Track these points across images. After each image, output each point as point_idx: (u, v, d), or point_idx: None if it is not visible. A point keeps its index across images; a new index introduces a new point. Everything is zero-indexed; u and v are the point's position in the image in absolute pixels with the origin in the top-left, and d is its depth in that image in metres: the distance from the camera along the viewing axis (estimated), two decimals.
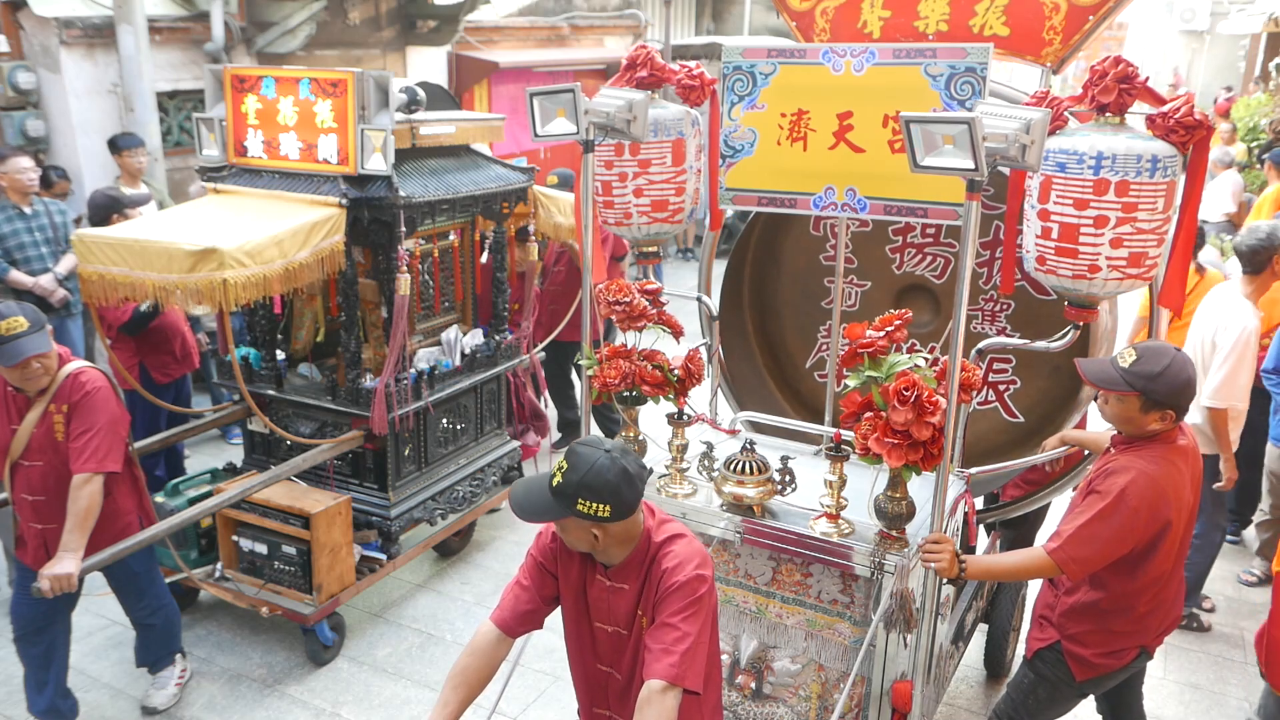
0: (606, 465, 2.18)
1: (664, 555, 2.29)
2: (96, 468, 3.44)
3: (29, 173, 5.64)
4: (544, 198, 5.28)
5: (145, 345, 5.21)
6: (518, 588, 2.47)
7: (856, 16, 3.73)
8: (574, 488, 2.18)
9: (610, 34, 12.46)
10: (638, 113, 2.95)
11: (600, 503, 2.17)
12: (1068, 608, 3.03)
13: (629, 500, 2.21)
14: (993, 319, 4.05)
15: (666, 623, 2.20)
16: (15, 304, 3.40)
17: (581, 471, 2.18)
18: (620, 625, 2.38)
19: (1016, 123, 2.37)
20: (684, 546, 2.31)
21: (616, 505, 2.19)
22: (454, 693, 2.36)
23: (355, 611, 4.76)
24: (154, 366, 5.26)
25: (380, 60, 9.23)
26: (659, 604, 2.25)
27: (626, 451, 2.26)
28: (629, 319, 3.12)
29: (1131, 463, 2.80)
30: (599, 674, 2.51)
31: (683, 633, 2.19)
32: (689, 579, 2.23)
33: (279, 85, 4.36)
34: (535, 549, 2.49)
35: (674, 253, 12.54)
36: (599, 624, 2.43)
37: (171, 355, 5.35)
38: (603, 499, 2.17)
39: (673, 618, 2.20)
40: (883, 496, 2.86)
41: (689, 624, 2.20)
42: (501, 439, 5.47)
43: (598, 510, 2.17)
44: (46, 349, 3.40)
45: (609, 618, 2.40)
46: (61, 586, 3.33)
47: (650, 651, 2.20)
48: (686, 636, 2.18)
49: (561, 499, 2.20)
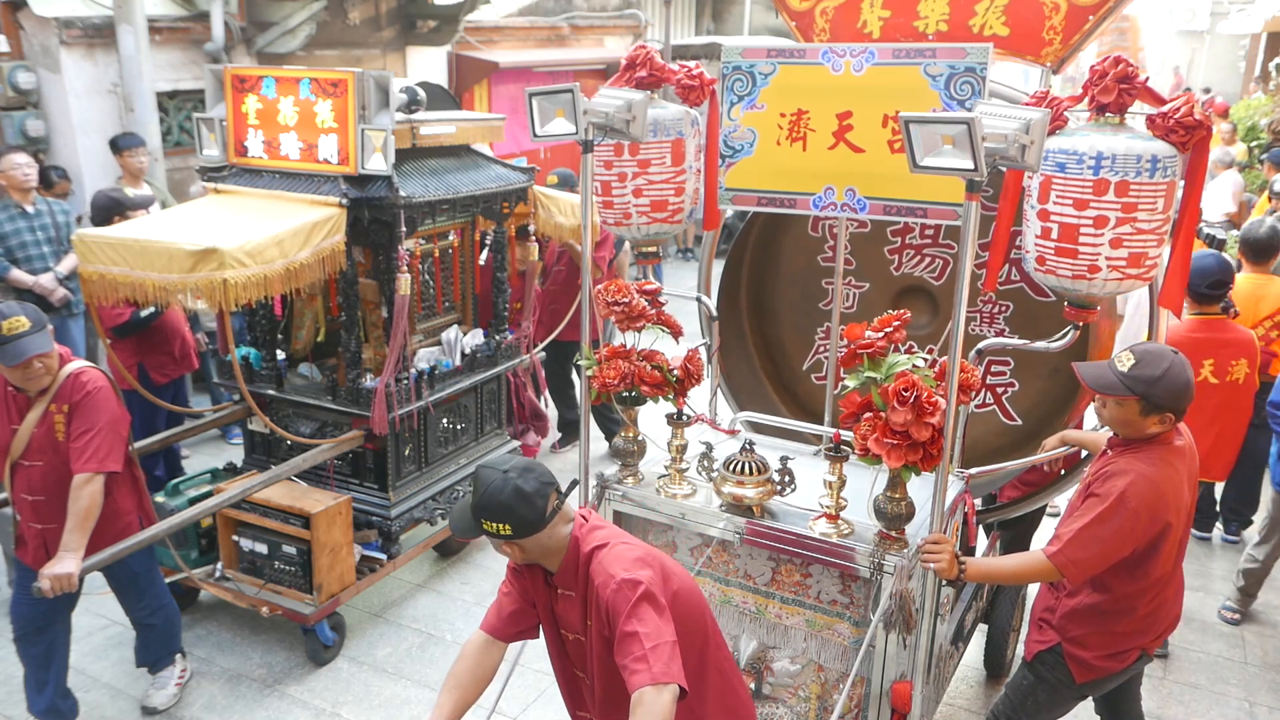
0: (499, 487, 2.26)
1: (594, 571, 2.31)
2: (98, 468, 3.45)
3: (25, 169, 5.64)
4: (544, 198, 5.28)
5: (145, 345, 5.22)
6: (501, 595, 2.54)
7: (856, 16, 3.73)
8: (475, 510, 2.30)
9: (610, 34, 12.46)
10: (637, 113, 2.95)
11: (499, 522, 2.27)
12: (1068, 610, 3.02)
13: (528, 518, 2.26)
14: (991, 321, 4.05)
15: (624, 633, 2.19)
16: (17, 304, 3.40)
17: (479, 495, 2.29)
18: (579, 632, 2.42)
19: (1016, 123, 2.37)
20: (607, 555, 2.30)
21: (515, 524, 2.26)
22: (449, 696, 2.38)
23: (355, 611, 4.76)
24: (153, 367, 5.27)
25: (380, 60, 9.23)
26: (609, 620, 2.25)
27: (526, 471, 2.30)
28: (628, 319, 3.12)
29: (1130, 465, 2.80)
30: (577, 679, 2.56)
31: (642, 634, 2.15)
32: (620, 584, 2.22)
33: (279, 85, 4.36)
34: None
35: (674, 253, 12.54)
36: (564, 631, 2.47)
37: (170, 356, 5.36)
38: (501, 519, 2.26)
39: (625, 625, 2.18)
40: (882, 497, 2.86)
41: (646, 625, 2.17)
42: (502, 439, 5.47)
43: (499, 529, 2.27)
44: (48, 349, 3.40)
45: (570, 625, 2.44)
46: (62, 586, 3.33)
47: (624, 669, 2.18)
48: (648, 636, 2.15)
49: (472, 520, 2.32)
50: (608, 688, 2.40)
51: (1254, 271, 5.20)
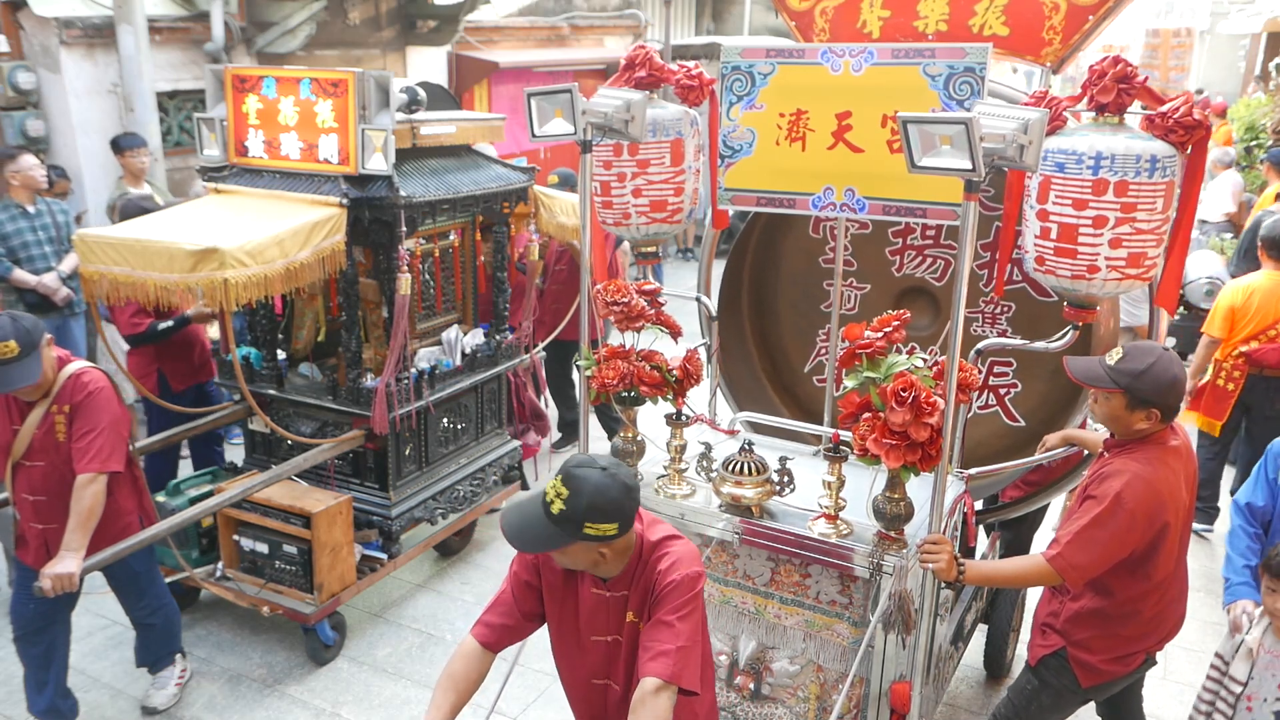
0: (609, 484, 2.16)
1: (659, 556, 2.28)
2: (100, 468, 3.45)
3: (38, 169, 5.68)
4: (544, 198, 5.29)
5: (164, 353, 5.15)
6: (499, 603, 2.45)
7: (856, 16, 3.73)
8: (582, 512, 2.14)
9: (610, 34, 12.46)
10: (636, 113, 2.95)
11: (608, 522, 2.16)
12: (1072, 614, 3.01)
13: (631, 513, 2.22)
14: (993, 321, 4.05)
15: (662, 620, 2.20)
16: (10, 322, 3.33)
17: (587, 495, 2.14)
18: (617, 633, 2.37)
19: (1014, 123, 2.37)
20: (680, 547, 2.31)
21: (622, 520, 2.18)
22: (445, 696, 2.35)
23: (355, 611, 4.77)
24: (171, 374, 5.20)
25: (380, 60, 9.23)
26: (656, 603, 2.25)
27: (619, 464, 2.25)
28: (627, 319, 3.12)
29: (1125, 466, 2.80)
30: (595, 688, 2.47)
31: (678, 631, 2.18)
32: (685, 577, 2.23)
33: (280, 85, 4.36)
34: (517, 564, 2.45)
35: (673, 253, 12.54)
36: (594, 637, 2.40)
37: (189, 364, 5.29)
38: (610, 518, 2.16)
39: (669, 615, 2.20)
40: (881, 497, 2.85)
41: (685, 623, 2.20)
42: (502, 438, 5.48)
43: (606, 530, 2.16)
44: (34, 379, 3.37)
45: (604, 628, 2.38)
46: (63, 586, 3.34)
47: (646, 650, 2.19)
48: (681, 635, 2.18)
49: (566, 525, 2.16)
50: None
51: (1275, 269, 5.24)
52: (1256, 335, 5.19)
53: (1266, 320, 5.14)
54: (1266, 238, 5.27)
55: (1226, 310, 5.26)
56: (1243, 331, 5.22)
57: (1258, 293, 5.20)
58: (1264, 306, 5.16)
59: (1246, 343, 5.21)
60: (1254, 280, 5.29)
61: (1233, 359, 5.27)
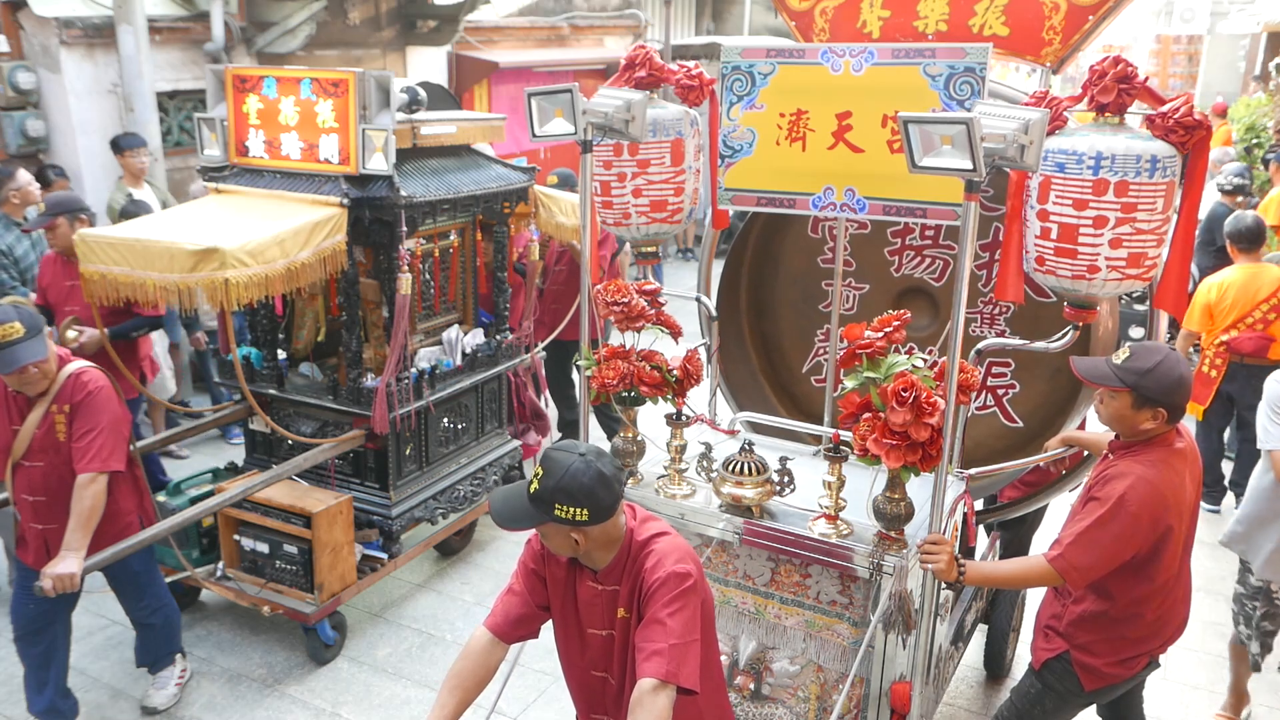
0: (581, 469, 2.21)
1: (646, 554, 2.29)
2: (101, 467, 3.45)
3: (33, 184, 5.67)
4: (545, 197, 5.29)
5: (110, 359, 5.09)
6: (510, 594, 2.48)
7: (856, 16, 3.73)
8: (550, 492, 2.21)
9: (610, 34, 12.46)
10: (636, 113, 2.95)
11: (577, 506, 2.19)
12: (1075, 617, 3.00)
13: (606, 502, 2.23)
14: (992, 322, 4.04)
15: (654, 619, 2.20)
16: (13, 308, 3.39)
17: (557, 476, 2.21)
18: (611, 628, 2.39)
19: (1015, 123, 2.37)
20: (666, 543, 2.31)
21: (594, 508, 2.21)
22: (450, 695, 2.35)
23: (356, 611, 4.77)
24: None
25: (380, 60, 9.23)
26: (645, 602, 2.25)
27: (602, 454, 2.28)
28: (627, 319, 3.12)
29: (1130, 468, 2.79)
30: (594, 680, 2.50)
31: (670, 628, 2.18)
32: (670, 574, 2.23)
33: (280, 85, 4.36)
34: (526, 554, 2.50)
35: (674, 253, 12.55)
36: (591, 630, 2.42)
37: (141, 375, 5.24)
38: (579, 503, 2.19)
39: (660, 613, 2.19)
40: (881, 497, 2.85)
41: (676, 619, 2.19)
42: (502, 438, 5.48)
43: (575, 514, 2.20)
44: (43, 355, 3.39)
45: (600, 622, 2.40)
46: (64, 585, 3.34)
47: (640, 651, 2.19)
48: (674, 632, 2.17)
49: (539, 504, 2.23)
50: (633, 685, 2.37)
51: (1246, 261, 5.47)
52: (1236, 325, 5.41)
53: (1244, 310, 5.36)
54: (1232, 233, 5.50)
55: (1203, 307, 5.50)
56: (1223, 323, 5.45)
57: (1232, 288, 5.43)
58: (1239, 300, 5.39)
59: (1227, 331, 5.43)
60: (1227, 276, 5.50)
61: (1214, 347, 5.52)
